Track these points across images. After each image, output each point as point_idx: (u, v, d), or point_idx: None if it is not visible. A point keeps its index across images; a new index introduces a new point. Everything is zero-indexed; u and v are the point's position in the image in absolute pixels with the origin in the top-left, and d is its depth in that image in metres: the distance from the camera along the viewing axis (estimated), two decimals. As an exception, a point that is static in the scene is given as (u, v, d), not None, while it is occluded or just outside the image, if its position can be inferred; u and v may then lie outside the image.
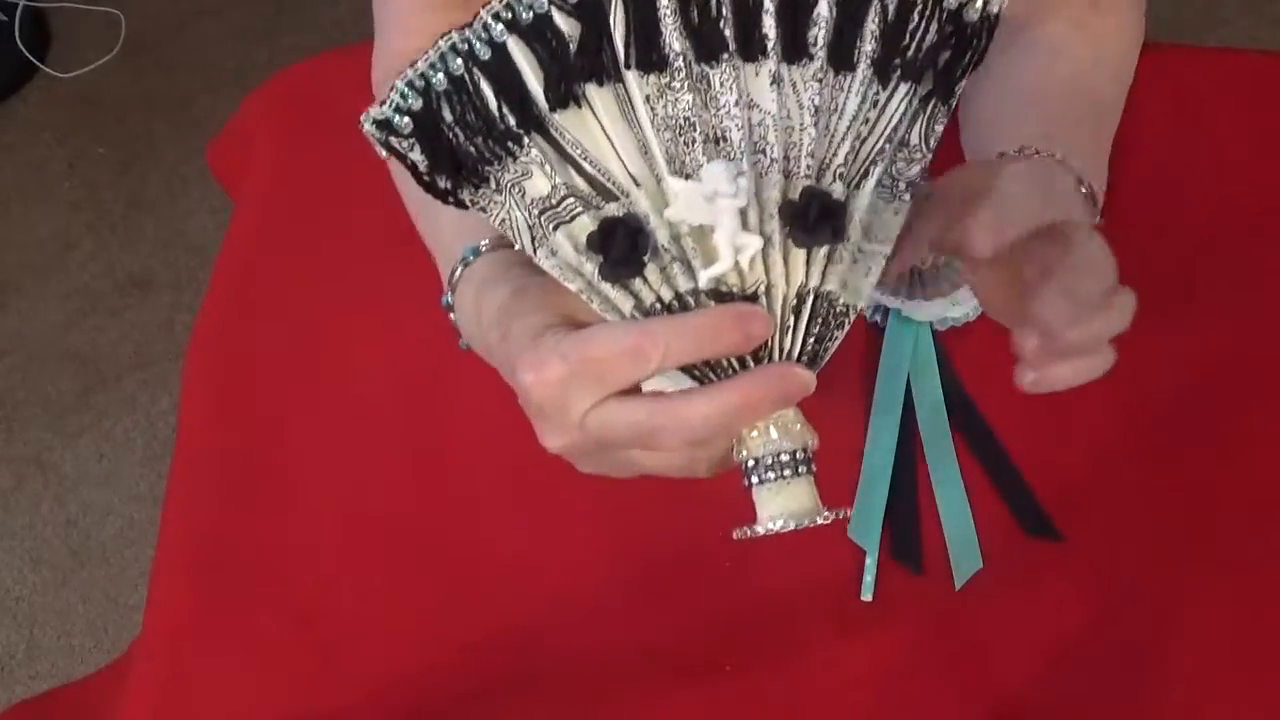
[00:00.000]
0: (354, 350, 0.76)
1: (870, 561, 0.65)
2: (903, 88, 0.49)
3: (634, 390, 0.46)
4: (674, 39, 0.46)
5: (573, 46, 0.46)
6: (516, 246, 0.49)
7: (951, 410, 0.69)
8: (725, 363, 0.47)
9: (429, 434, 0.72)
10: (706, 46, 0.46)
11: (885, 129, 0.49)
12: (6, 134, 1.97)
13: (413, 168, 0.50)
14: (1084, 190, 0.59)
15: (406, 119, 0.49)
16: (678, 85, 0.46)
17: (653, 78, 0.46)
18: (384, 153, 0.50)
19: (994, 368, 0.54)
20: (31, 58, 1.99)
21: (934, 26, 0.48)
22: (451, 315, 0.58)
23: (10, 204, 1.90)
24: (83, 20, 2.06)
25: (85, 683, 0.86)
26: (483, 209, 0.50)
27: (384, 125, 0.49)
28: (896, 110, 0.49)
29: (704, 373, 0.48)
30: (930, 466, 0.68)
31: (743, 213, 0.45)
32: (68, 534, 1.58)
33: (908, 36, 0.48)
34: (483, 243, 0.57)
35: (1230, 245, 0.75)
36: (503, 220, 0.50)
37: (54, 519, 1.59)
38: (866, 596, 0.65)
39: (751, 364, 0.47)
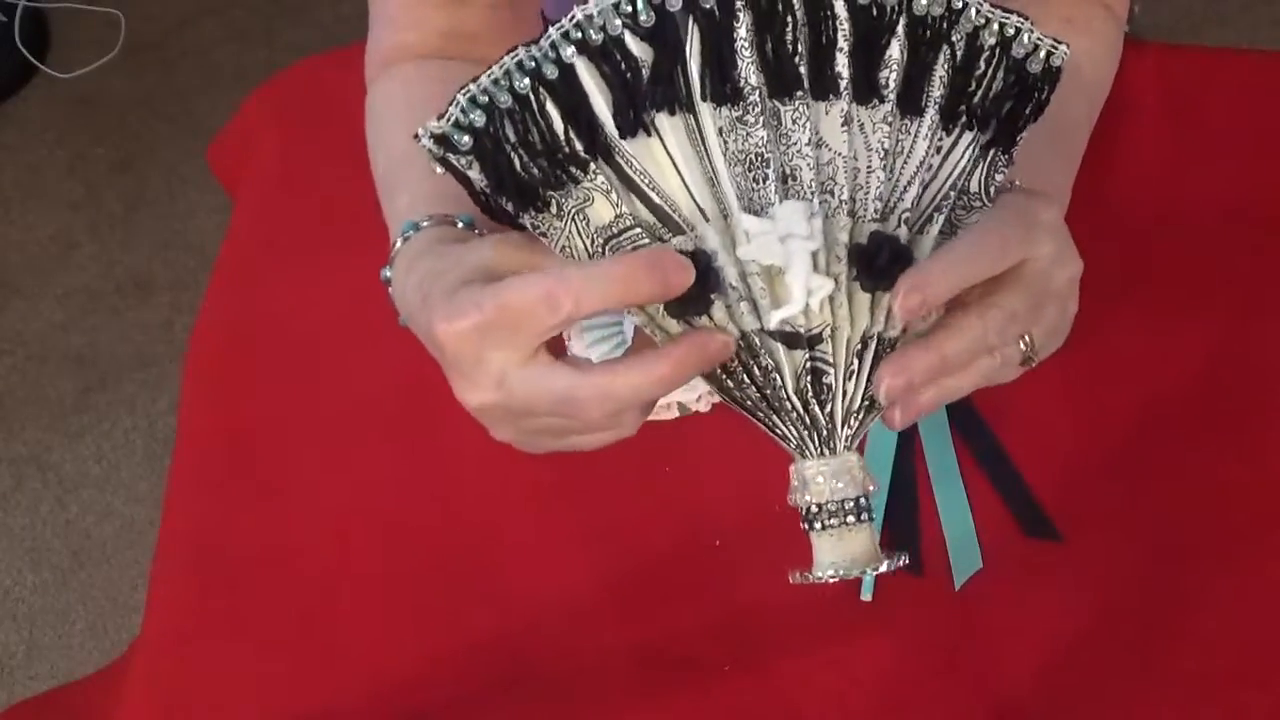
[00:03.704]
0: (354, 350, 0.75)
1: (870, 561, 0.65)
2: (967, 135, 0.48)
3: (560, 356, 0.46)
4: (750, 72, 0.45)
5: (645, 72, 0.45)
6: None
7: (951, 410, 0.69)
8: (739, 371, 0.47)
9: (429, 434, 0.71)
10: (781, 82, 0.45)
11: (949, 176, 0.48)
12: (6, 134, 1.97)
13: (469, 186, 0.49)
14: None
15: (467, 137, 0.47)
16: (751, 120, 0.45)
17: (725, 110, 0.45)
18: (439, 169, 0.48)
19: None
20: (31, 58, 1.99)
21: (1000, 75, 0.48)
22: (390, 290, 0.57)
23: (10, 204, 1.90)
24: (83, 20, 2.06)
25: (85, 683, 0.86)
26: (543, 234, 0.49)
27: (442, 141, 0.48)
28: (961, 158, 0.48)
29: (723, 376, 0.47)
30: (930, 466, 0.68)
31: (813, 254, 0.45)
32: (68, 534, 1.58)
33: (974, 83, 0.47)
34: (423, 220, 0.55)
35: (1230, 245, 0.75)
36: (563, 247, 0.48)
37: (54, 519, 1.59)
38: (866, 596, 0.65)
39: (796, 397, 0.46)
